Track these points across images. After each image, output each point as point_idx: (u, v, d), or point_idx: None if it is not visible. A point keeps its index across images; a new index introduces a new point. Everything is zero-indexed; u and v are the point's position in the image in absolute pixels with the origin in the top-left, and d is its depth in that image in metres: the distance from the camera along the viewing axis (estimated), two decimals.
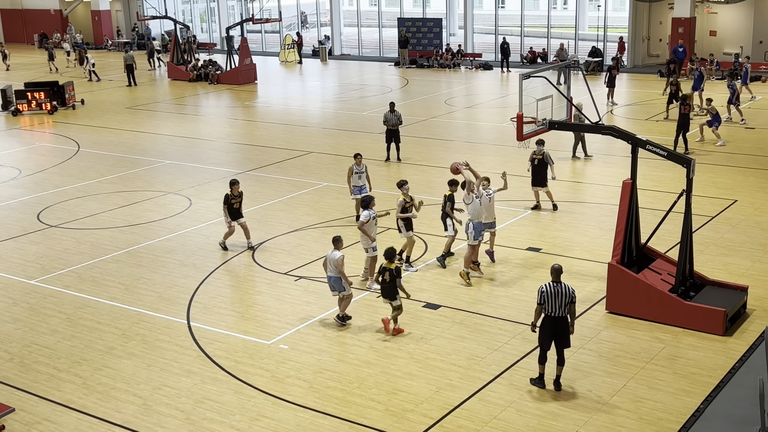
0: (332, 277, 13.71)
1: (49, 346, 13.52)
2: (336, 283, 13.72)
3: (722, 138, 25.23)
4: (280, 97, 37.58)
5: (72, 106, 35.18)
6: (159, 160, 25.67)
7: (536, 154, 18.90)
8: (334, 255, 13.62)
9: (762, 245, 16.84)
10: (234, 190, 17.22)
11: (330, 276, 13.74)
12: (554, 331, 11.47)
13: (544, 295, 11.37)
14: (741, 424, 10.48)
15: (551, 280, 11.47)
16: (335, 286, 13.77)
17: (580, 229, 18.14)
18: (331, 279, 13.75)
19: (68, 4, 58.65)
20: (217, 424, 11.14)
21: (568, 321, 11.54)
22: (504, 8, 53.13)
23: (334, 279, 13.70)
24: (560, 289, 11.36)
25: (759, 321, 13.53)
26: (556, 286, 11.36)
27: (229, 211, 17.15)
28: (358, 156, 18.71)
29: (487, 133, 28.31)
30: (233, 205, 17.20)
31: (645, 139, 13.77)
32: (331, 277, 13.73)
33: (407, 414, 11.21)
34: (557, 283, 11.39)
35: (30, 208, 21.10)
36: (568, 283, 11.61)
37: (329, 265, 13.69)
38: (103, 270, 16.73)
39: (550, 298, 11.35)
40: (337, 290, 13.80)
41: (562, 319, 11.45)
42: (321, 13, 54.77)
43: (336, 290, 13.82)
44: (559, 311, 11.38)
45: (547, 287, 11.38)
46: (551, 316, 11.42)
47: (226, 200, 17.19)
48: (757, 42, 39.03)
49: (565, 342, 11.55)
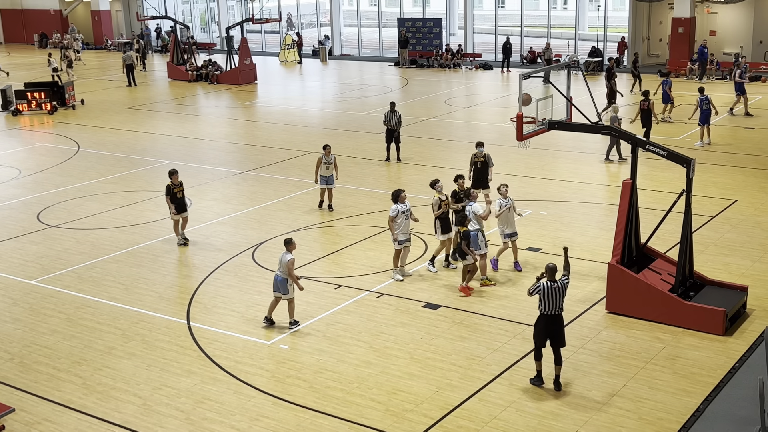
0: (279, 277, 13.62)
1: (49, 346, 13.52)
2: (281, 285, 13.60)
3: (704, 139, 25.15)
4: (280, 98, 37.58)
5: (72, 106, 35.18)
6: (159, 160, 25.68)
7: (477, 156, 18.71)
8: (285, 257, 13.54)
9: (762, 245, 16.84)
10: (174, 179, 17.59)
11: (277, 276, 13.65)
12: (549, 329, 11.56)
13: (541, 293, 11.45)
14: (741, 424, 10.48)
15: (547, 280, 11.50)
16: (279, 287, 13.64)
17: (580, 229, 18.14)
18: (277, 279, 13.64)
19: (68, 5, 58.66)
20: (217, 424, 11.13)
21: (563, 319, 11.64)
22: (504, 8, 53.14)
23: (281, 280, 13.59)
24: (556, 288, 11.44)
25: (759, 321, 13.53)
26: (553, 285, 11.43)
27: (172, 201, 17.50)
28: (327, 147, 19.46)
29: (487, 133, 28.28)
30: (176, 194, 17.52)
31: (645, 139, 13.76)
32: (278, 278, 13.63)
33: (407, 414, 11.21)
34: (553, 282, 11.45)
35: (30, 208, 21.10)
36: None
37: (279, 266, 13.65)
38: (103, 270, 16.73)
39: (547, 297, 11.43)
40: (280, 292, 13.66)
41: (557, 318, 11.55)
42: (321, 13, 54.77)
43: (279, 291, 13.68)
44: (554, 309, 11.47)
45: (544, 286, 11.44)
46: (546, 315, 11.51)
47: (168, 191, 17.55)
48: (757, 42, 39.04)
49: (561, 341, 11.62)
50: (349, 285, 15.47)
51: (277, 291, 13.70)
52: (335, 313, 14.27)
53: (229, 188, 22.40)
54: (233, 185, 22.64)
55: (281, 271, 13.58)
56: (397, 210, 15.32)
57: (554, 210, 19.41)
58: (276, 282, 13.67)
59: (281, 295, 13.69)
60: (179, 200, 17.62)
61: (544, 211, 19.33)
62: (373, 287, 15.35)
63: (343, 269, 16.26)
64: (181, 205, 17.68)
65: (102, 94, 38.97)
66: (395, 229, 15.38)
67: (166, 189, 17.56)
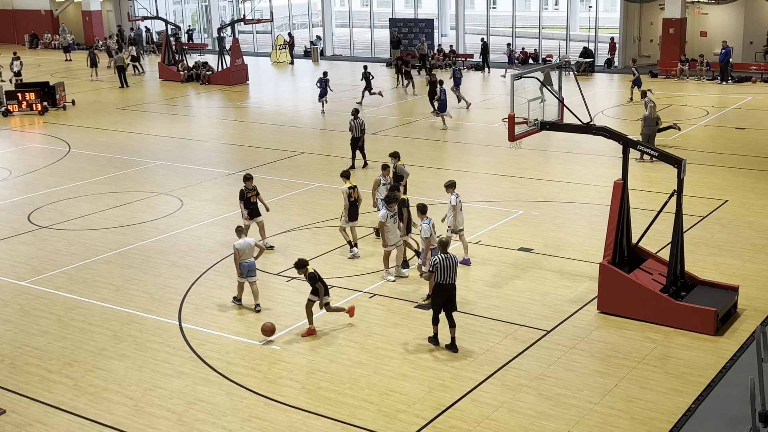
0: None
1: (40, 348, 13.47)
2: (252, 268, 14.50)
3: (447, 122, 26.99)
4: (272, 98, 37.55)
5: (63, 106, 35.08)
6: (150, 160, 25.62)
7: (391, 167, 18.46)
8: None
9: (753, 245, 16.90)
10: (248, 184, 17.23)
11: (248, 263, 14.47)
12: (445, 297, 12.79)
13: (437, 266, 12.61)
14: (732, 424, 10.51)
15: (440, 252, 12.73)
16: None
17: (571, 230, 18.17)
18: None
19: (59, 5, 58.48)
20: (209, 425, 11.12)
21: (455, 288, 12.89)
22: (495, 9, 53.19)
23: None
24: (449, 259, 12.64)
25: (750, 320, 13.58)
26: (446, 257, 12.64)
27: (246, 205, 17.15)
28: (386, 167, 18.24)
29: (479, 133, 28.33)
30: (250, 199, 17.17)
31: (636, 139, 13.80)
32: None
33: (399, 414, 11.21)
34: (446, 254, 12.68)
35: (21, 209, 21.03)
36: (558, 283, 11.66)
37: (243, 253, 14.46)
38: (95, 271, 16.69)
39: (442, 268, 12.61)
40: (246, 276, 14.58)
41: (452, 287, 12.78)
42: (313, 13, 54.73)
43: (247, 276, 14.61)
44: (450, 279, 12.69)
45: (439, 259, 12.64)
46: (443, 284, 12.72)
47: (241, 196, 17.18)
48: (748, 42, 39.19)
49: (453, 307, 12.95)
50: (341, 286, 15.47)
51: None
52: (327, 314, 14.26)
53: (221, 189, 22.37)
54: (225, 186, 22.61)
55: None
56: (386, 215, 15.48)
57: (546, 210, 19.44)
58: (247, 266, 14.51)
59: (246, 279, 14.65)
60: (253, 205, 17.24)
61: (535, 211, 19.36)
62: (365, 288, 15.35)
63: (335, 270, 16.26)
64: (254, 210, 17.24)
65: (93, 95, 38.87)
66: (386, 233, 15.49)
67: (240, 193, 17.18)
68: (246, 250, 14.45)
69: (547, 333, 13.37)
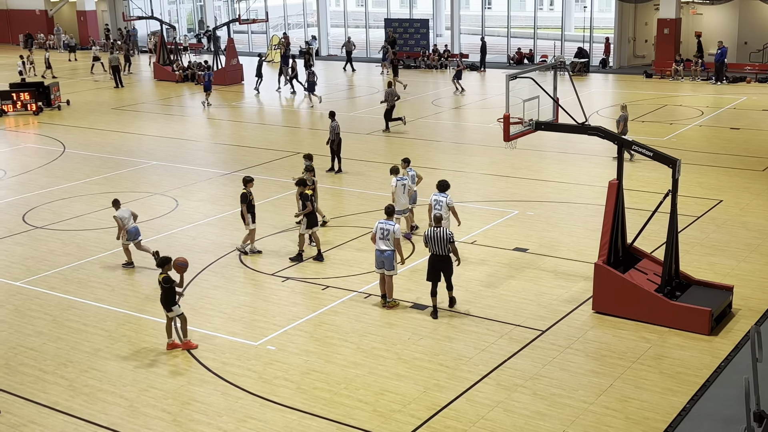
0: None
1: (35, 348, 13.45)
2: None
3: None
4: (267, 98, 37.50)
5: (57, 106, 35.02)
6: (145, 161, 25.59)
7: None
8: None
9: (747, 245, 16.93)
10: (249, 187, 16.94)
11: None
12: (439, 267, 13.79)
13: (427, 238, 13.74)
14: (727, 423, 10.54)
15: (431, 225, 13.97)
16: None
17: (566, 230, 18.19)
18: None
19: (54, 5, 58.36)
20: (204, 425, 11.11)
21: (451, 258, 13.87)
22: (491, 9, 53.22)
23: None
24: (438, 232, 13.65)
25: (744, 320, 13.61)
26: (435, 230, 13.69)
27: (249, 210, 16.80)
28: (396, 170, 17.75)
29: (474, 133, 28.35)
30: (252, 203, 16.92)
31: (631, 139, 13.82)
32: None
33: (395, 414, 11.21)
34: (437, 227, 13.73)
35: (15, 209, 20.99)
36: (551, 281, 11.68)
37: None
38: (89, 271, 16.66)
39: (432, 241, 13.68)
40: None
41: (445, 258, 13.77)
42: (308, 13, 54.67)
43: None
44: (441, 251, 13.70)
45: (428, 231, 13.76)
46: (435, 255, 13.79)
47: (243, 199, 16.84)
48: (742, 43, 39.27)
49: (450, 272, 13.95)
50: (336, 286, 15.47)
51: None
52: (323, 314, 14.27)
53: (216, 189, 22.35)
54: (220, 186, 22.59)
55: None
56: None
57: (541, 210, 19.46)
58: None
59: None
60: (253, 208, 16.93)
61: (530, 211, 19.37)
62: (360, 288, 15.35)
63: (330, 270, 16.26)
64: (254, 213, 16.95)
65: (88, 95, 38.80)
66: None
67: (242, 197, 16.77)
68: (126, 217, 16.32)
69: (542, 333, 13.38)
